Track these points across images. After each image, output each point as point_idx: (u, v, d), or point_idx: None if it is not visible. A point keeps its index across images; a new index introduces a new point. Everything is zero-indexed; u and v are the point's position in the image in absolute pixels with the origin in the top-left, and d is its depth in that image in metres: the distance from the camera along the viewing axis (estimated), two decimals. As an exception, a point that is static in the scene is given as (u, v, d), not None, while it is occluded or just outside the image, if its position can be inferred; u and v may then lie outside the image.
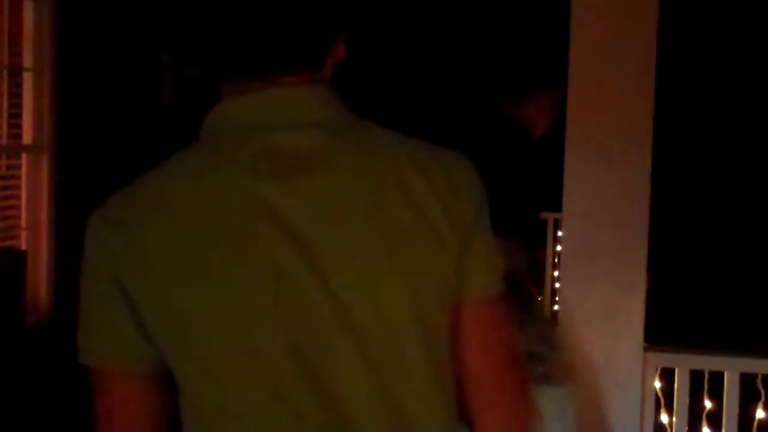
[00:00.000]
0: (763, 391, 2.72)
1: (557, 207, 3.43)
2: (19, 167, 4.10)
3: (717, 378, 2.75)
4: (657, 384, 2.71)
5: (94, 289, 1.13)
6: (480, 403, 1.22)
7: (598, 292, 2.60)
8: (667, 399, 2.77)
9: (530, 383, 1.27)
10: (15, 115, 4.08)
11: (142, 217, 1.12)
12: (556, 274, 6.36)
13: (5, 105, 4.02)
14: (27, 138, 4.12)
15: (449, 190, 1.16)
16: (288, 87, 1.14)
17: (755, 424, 2.78)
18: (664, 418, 2.79)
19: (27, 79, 4.10)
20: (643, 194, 2.58)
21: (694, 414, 2.80)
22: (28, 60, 4.09)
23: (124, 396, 1.14)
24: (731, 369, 2.70)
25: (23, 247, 4.05)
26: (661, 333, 6.33)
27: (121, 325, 1.11)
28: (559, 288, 2.64)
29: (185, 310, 1.09)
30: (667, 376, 2.74)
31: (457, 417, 1.21)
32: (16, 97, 4.08)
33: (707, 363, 2.75)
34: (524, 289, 2.48)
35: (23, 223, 4.09)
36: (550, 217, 6.59)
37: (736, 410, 2.71)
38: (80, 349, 1.14)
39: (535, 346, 2.43)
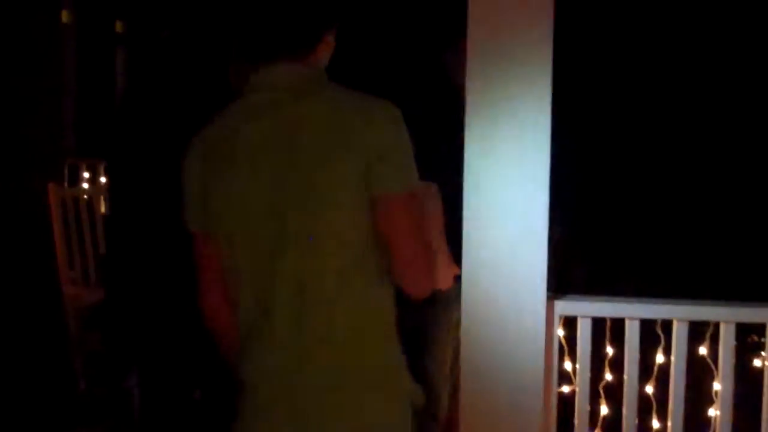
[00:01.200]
0: (662, 336, 2.77)
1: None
2: None
3: (619, 324, 2.80)
4: (560, 332, 2.74)
5: (185, 184, 1.94)
6: (396, 269, 1.88)
7: (500, 240, 2.60)
8: (570, 346, 2.80)
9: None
10: None
11: (208, 141, 1.92)
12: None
13: None
14: None
15: (366, 124, 1.81)
16: (278, 66, 1.89)
17: (655, 368, 2.83)
18: (568, 365, 2.83)
19: None
20: (543, 139, 2.57)
21: (597, 360, 2.85)
22: None
23: (207, 250, 1.95)
24: (632, 316, 2.74)
25: None
26: (570, 278, 6.44)
27: (198, 205, 1.92)
28: (463, 237, 2.62)
29: (219, 200, 1.88)
30: (569, 323, 2.77)
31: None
32: None
33: (609, 310, 2.79)
34: None
35: None
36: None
37: (637, 355, 2.76)
38: (183, 221, 1.97)
39: None
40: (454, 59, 3.11)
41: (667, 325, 2.76)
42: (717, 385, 2.74)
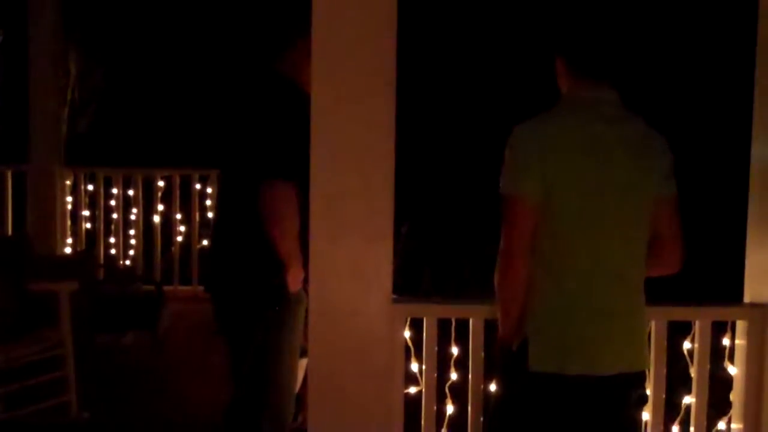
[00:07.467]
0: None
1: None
2: None
3: (463, 325, 2.83)
4: (407, 333, 2.75)
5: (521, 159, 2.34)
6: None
7: (346, 244, 2.58)
8: (416, 347, 2.82)
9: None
10: None
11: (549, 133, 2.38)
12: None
13: None
14: None
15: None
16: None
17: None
18: (414, 366, 2.84)
19: None
20: (387, 143, 2.58)
21: (443, 360, 2.87)
22: None
23: (522, 214, 2.34)
24: (475, 316, 2.79)
25: None
26: (420, 279, 6.51)
27: (533, 178, 2.32)
28: (310, 241, 2.60)
29: (564, 182, 2.31)
30: (416, 325, 2.79)
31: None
32: None
33: (453, 311, 2.82)
34: None
35: None
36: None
37: (482, 354, 2.81)
38: (506, 187, 2.36)
39: None
40: (294, 59, 3.11)
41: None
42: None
